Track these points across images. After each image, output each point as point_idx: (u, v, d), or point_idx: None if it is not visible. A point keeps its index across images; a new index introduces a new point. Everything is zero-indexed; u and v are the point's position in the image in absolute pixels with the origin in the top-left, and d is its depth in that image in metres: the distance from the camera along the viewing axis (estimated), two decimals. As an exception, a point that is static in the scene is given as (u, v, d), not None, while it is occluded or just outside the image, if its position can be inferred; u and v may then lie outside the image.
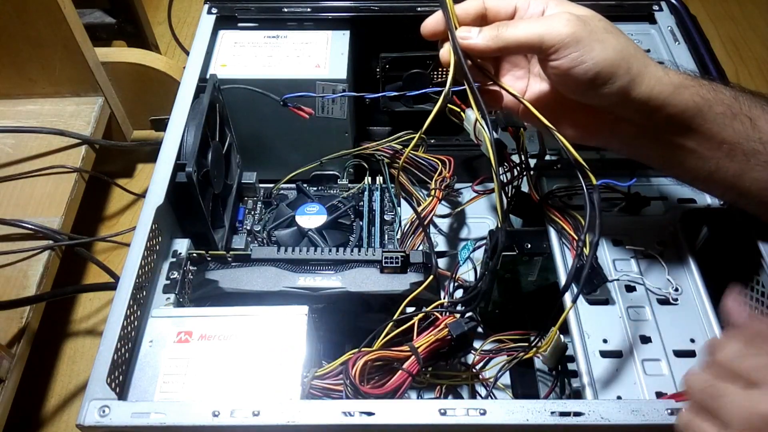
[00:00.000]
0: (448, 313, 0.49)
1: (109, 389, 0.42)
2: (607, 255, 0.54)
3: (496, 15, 0.47)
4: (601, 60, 0.42)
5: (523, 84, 0.49)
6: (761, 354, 0.35)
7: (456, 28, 0.45)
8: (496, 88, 0.48)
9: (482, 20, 0.47)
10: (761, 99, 0.46)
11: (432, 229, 0.73)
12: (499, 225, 0.48)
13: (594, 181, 0.44)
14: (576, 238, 0.51)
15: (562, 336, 0.50)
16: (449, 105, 0.49)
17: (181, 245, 0.55)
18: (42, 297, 0.71)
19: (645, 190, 0.57)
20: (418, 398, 0.58)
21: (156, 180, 0.53)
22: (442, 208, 0.74)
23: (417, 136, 0.50)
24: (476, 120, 0.47)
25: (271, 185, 0.73)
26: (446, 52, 0.46)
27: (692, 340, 0.49)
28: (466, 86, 0.45)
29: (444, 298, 0.60)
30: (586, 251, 0.46)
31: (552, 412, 0.40)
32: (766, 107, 0.45)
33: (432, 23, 0.47)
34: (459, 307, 0.50)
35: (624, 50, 0.43)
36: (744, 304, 0.40)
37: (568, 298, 0.48)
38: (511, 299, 0.64)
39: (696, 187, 0.52)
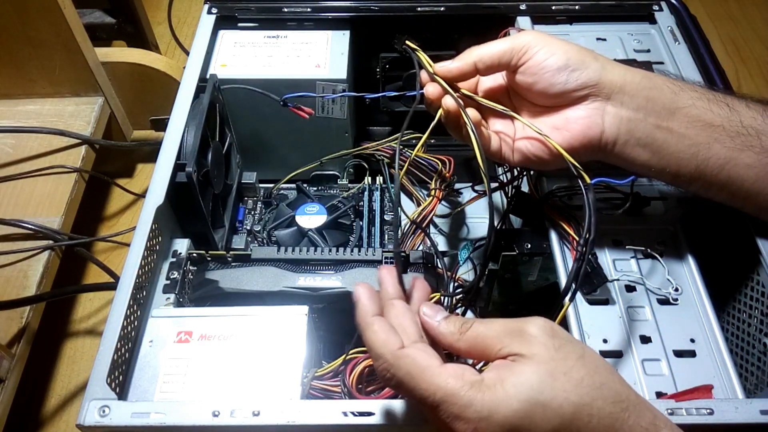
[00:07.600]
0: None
1: (109, 389, 0.42)
2: (607, 255, 0.54)
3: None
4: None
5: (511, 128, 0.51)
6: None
7: (431, 66, 0.49)
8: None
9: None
10: (737, 94, 0.48)
11: (432, 229, 0.73)
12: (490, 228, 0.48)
13: (588, 180, 0.45)
14: (576, 238, 0.51)
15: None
16: None
17: (181, 245, 0.55)
18: (42, 297, 0.71)
19: (645, 190, 0.57)
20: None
21: (156, 180, 0.53)
22: (442, 208, 0.74)
23: (422, 139, 0.51)
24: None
25: (271, 185, 0.73)
26: (431, 89, 0.49)
27: (692, 340, 0.49)
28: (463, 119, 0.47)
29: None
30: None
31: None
32: (741, 99, 0.47)
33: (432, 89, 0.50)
34: (459, 309, 0.50)
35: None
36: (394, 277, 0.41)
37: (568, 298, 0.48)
38: (511, 299, 0.64)
39: (686, 186, 0.49)
